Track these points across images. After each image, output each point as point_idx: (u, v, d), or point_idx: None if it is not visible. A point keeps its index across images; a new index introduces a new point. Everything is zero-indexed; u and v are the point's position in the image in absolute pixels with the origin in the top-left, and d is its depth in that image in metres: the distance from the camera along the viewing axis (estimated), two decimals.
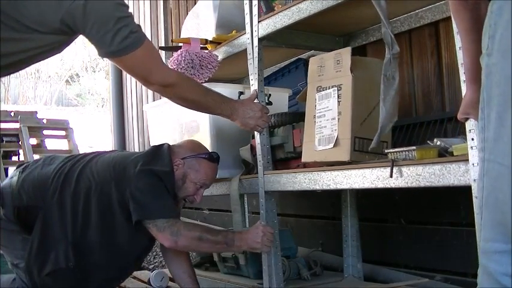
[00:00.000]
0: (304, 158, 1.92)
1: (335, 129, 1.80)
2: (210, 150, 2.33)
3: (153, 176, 2.00)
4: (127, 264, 2.13)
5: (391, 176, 1.54)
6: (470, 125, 1.35)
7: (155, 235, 1.98)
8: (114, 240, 2.01)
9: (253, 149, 2.21)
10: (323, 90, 1.86)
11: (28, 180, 2.07)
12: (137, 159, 2.06)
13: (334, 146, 1.79)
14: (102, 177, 2.02)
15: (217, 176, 2.34)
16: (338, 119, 1.79)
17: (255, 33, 2.16)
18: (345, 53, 1.83)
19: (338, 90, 1.81)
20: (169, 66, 2.37)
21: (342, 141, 1.78)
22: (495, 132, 0.92)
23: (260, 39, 2.15)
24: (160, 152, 2.13)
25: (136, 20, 4.63)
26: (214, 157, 2.17)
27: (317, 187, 1.84)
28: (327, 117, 1.83)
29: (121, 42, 1.67)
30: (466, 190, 1.39)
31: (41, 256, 1.99)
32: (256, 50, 2.16)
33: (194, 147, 2.18)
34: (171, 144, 2.22)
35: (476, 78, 1.20)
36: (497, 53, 0.91)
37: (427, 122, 2.15)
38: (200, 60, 2.34)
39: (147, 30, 4.88)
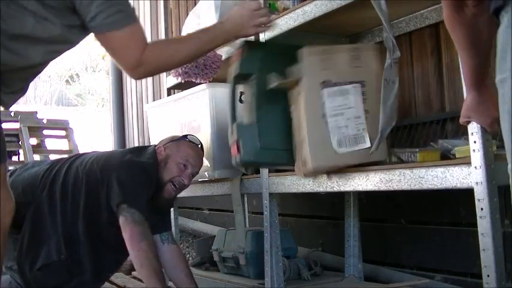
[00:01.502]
0: (315, 162, 1.67)
1: (363, 129, 1.68)
2: (211, 150, 2.35)
3: (138, 168, 2.05)
4: (111, 257, 2.13)
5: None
6: (472, 127, 1.36)
7: (126, 224, 1.91)
8: (99, 232, 2.03)
9: None
10: (335, 86, 1.69)
11: (18, 181, 2.11)
12: (124, 151, 2.17)
13: (364, 146, 1.68)
14: (89, 168, 2.06)
15: (217, 176, 2.35)
16: (366, 117, 1.69)
17: (261, 35, 2.16)
18: (368, 49, 1.75)
19: (362, 87, 1.69)
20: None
21: (375, 141, 1.66)
22: None
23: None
24: (146, 148, 2.22)
25: None
26: (194, 140, 2.23)
27: (321, 189, 1.84)
28: (348, 116, 1.67)
29: (104, 19, 1.59)
30: (466, 191, 1.40)
31: (32, 251, 2.00)
32: None
33: (174, 136, 2.28)
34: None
35: (476, 85, 1.23)
36: None
37: (429, 122, 2.15)
38: (204, 60, 2.35)
39: (147, 30, 4.88)
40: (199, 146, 2.24)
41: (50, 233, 2.01)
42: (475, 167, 1.35)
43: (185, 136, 2.25)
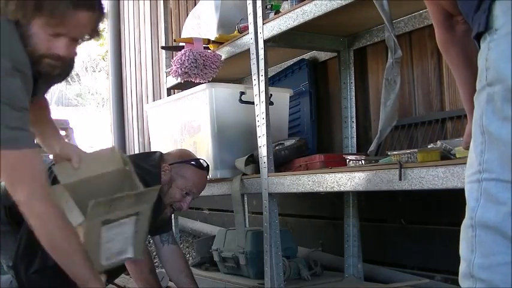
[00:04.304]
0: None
1: (130, 243, 1.77)
2: (211, 150, 2.33)
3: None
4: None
5: (400, 179, 1.53)
6: None
7: None
8: None
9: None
10: (114, 222, 1.71)
11: None
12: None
13: (128, 255, 1.78)
14: None
15: (218, 176, 2.34)
16: (135, 235, 1.78)
17: (260, 35, 2.17)
18: (151, 191, 1.76)
19: (136, 215, 1.74)
20: (172, 66, 2.39)
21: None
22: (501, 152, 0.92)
23: (265, 41, 2.16)
24: (151, 154, 2.16)
25: (136, 20, 4.64)
26: (202, 165, 2.16)
27: (321, 189, 1.84)
28: (118, 239, 1.75)
29: None
30: None
31: (28, 254, 1.99)
32: (262, 52, 2.17)
33: (183, 154, 2.19)
34: (166, 149, 2.25)
35: None
36: (497, 82, 0.92)
37: (428, 122, 2.15)
38: (204, 60, 2.35)
39: (147, 30, 4.88)
40: (206, 168, 2.19)
41: None
42: (467, 166, 1.35)
43: (194, 160, 2.17)
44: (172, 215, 2.44)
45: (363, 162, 1.85)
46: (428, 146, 1.69)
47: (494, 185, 0.93)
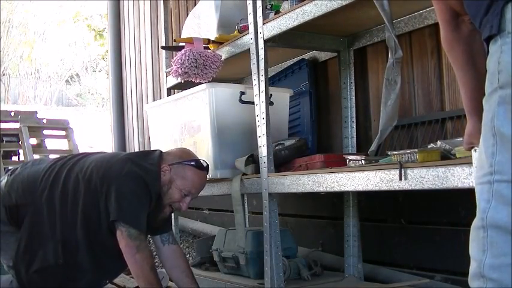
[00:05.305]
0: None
1: None
2: (211, 150, 2.33)
3: (139, 181, 2.00)
4: (113, 264, 2.11)
5: (400, 179, 1.54)
6: None
7: (122, 238, 1.95)
8: (99, 239, 2.02)
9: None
10: None
11: (17, 180, 2.09)
12: (125, 158, 2.08)
13: None
14: (89, 177, 2.03)
15: (218, 176, 2.35)
16: None
17: (260, 35, 2.17)
18: None
19: None
20: (172, 66, 2.39)
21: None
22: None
23: (265, 41, 2.16)
24: (150, 153, 2.16)
25: (136, 20, 4.68)
26: (202, 165, 2.15)
27: (321, 189, 1.84)
28: None
29: None
30: (465, 190, 1.40)
31: (29, 253, 2.00)
32: (262, 52, 2.17)
33: (182, 154, 2.18)
34: (166, 149, 2.23)
35: (476, 110, 1.21)
36: (509, 85, 0.93)
37: (428, 122, 2.15)
38: (204, 60, 2.35)
39: (147, 30, 4.88)
40: (206, 168, 2.18)
41: (47, 236, 2.00)
42: (476, 167, 1.35)
43: (193, 160, 2.15)
44: (172, 215, 2.44)
45: (363, 162, 1.85)
46: (428, 146, 1.69)
47: (506, 186, 0.94)
